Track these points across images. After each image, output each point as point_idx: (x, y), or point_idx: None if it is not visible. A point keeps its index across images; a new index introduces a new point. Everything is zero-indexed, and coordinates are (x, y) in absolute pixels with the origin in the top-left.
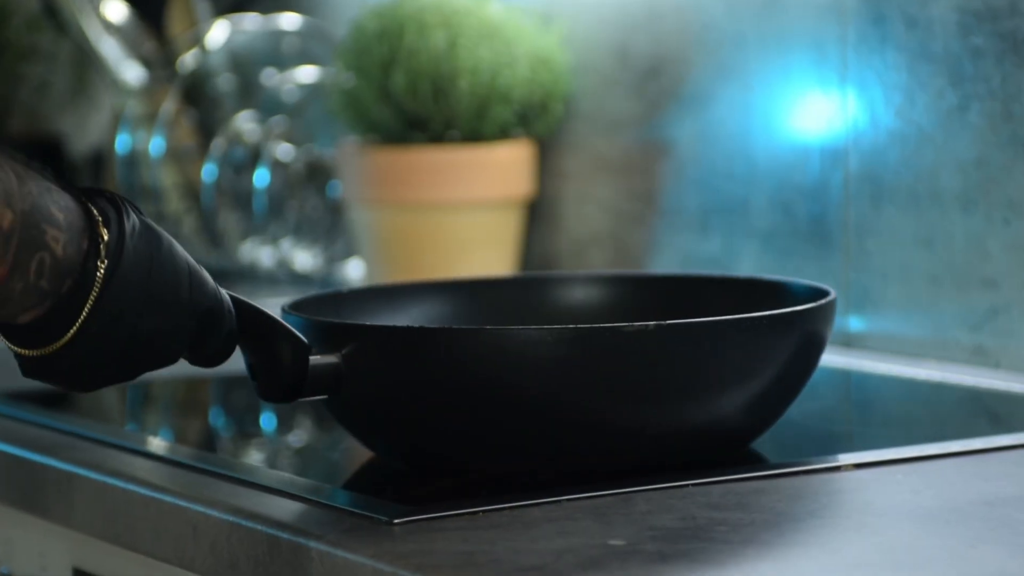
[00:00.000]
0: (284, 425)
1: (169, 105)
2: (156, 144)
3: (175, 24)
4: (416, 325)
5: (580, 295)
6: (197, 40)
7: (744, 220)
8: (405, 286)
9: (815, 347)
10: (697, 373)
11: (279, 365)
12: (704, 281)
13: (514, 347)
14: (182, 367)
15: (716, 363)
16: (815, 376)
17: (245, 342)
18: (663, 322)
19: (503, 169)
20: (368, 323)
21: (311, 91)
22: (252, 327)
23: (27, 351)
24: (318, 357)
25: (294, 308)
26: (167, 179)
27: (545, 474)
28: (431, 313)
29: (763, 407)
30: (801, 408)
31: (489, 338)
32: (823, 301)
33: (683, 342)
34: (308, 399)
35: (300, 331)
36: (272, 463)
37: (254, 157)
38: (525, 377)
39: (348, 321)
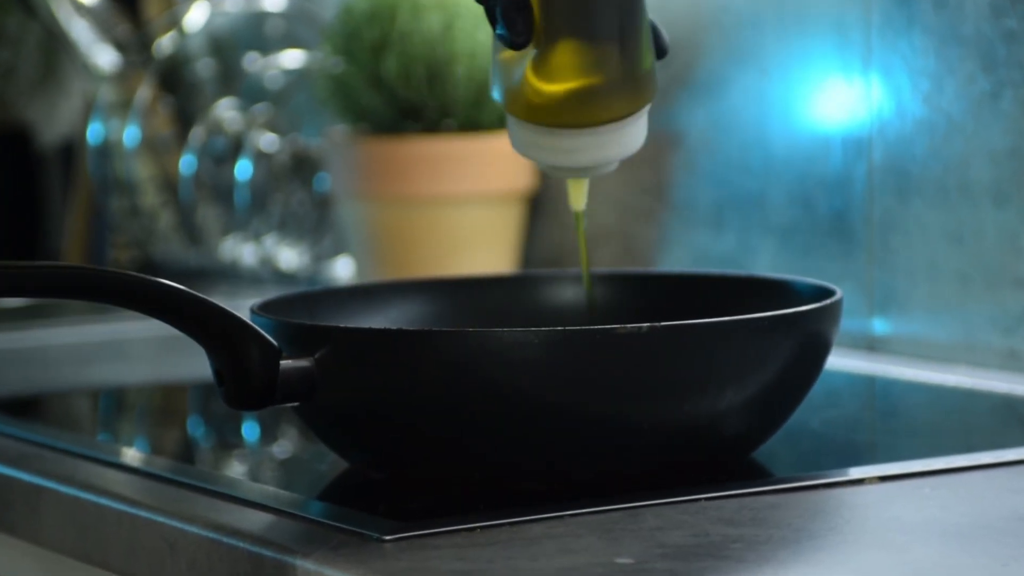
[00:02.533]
0: (267, 435)
1: (144, 92)
2: (130, 134)
3: (151, 5)
4: (394, 327)
5: (572, 295)
6: (174, 22)
7: (761, 215)
8: (384, 285)
9: (819, 350)
10: (694, 378)
11: (247, 370)
12: (705, 280)
13: (499, 350)
14: (157, 373)
15: (714, 367)
16: (836, 383)
17: (211, 346)
18: (656, 324)
19: (503, 161)
20: (343, 325)
21: (297, 77)
22: (218, 329)
23: None
24: (289, 361)
25: (263, 309)
26: (142, 171)
27: (531, 485)
28: (412, 314)
29: (764, 414)
30: (821, 417)
31: (472, 340)
32: (828, 301)
33: (679, 345)
34: (279, 406)
35: (270, 333)
36: (255, 475)
37: (235, 148)
38: (511, 382)
39: (321, 323)
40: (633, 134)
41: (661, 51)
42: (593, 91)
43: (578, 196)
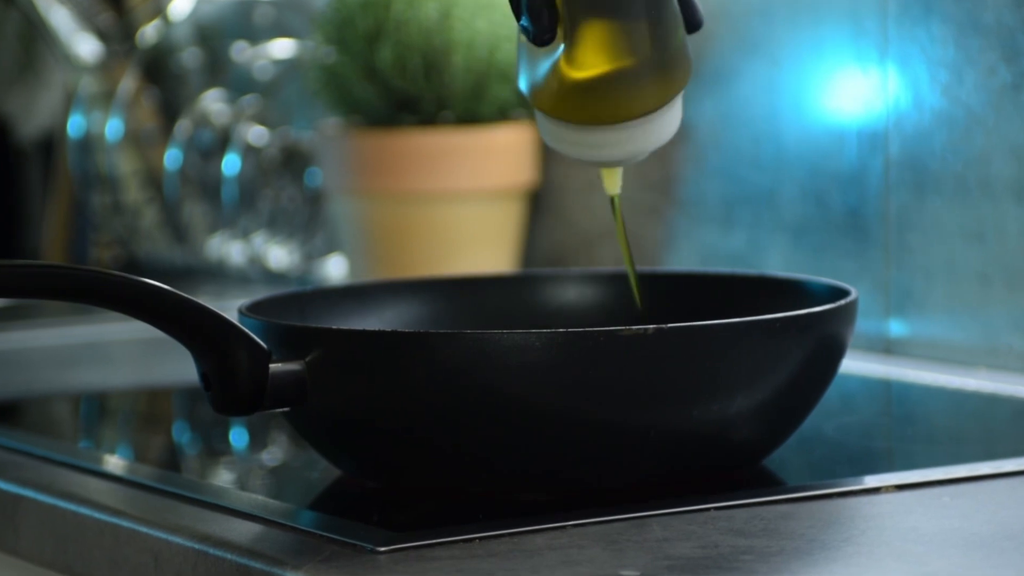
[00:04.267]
0: (257, 441)
1: (128, 83)
2: (113, 127)
3: None
4: (389, 328)
5: (576, 295)
6: (159, 10)
7: (772, 212)
8: (378, 285)
9: (834, 353)
10: (702, 382)
11: (235, 374)
12: (713, 279)
13: (498, 353)
14: (141, 377)
15: (724, 371)
16: (851, 387)
17: (197, 348)
18: (663, 325)
19: (502, 155)
20: (335, 326)
21: (287, 67)
22: (204, 331)
23: None
24: (279, 365)
25: (252, 310)
26: (125, 165)
27: (532, 494)
28: (407, 315)
29: (776, 419)
30: (836, 422)
31: (471, 343)
32: (843, 302)
33: (686, 348)
34: (268, 412)
35: (259, 335)
36: (243, 484)
37: (223, 141)
38: (510, 387)
39: (312, 324)
40: (666, 122)
41: (693, 24)
42: (623, 78)
43: (612, 181)
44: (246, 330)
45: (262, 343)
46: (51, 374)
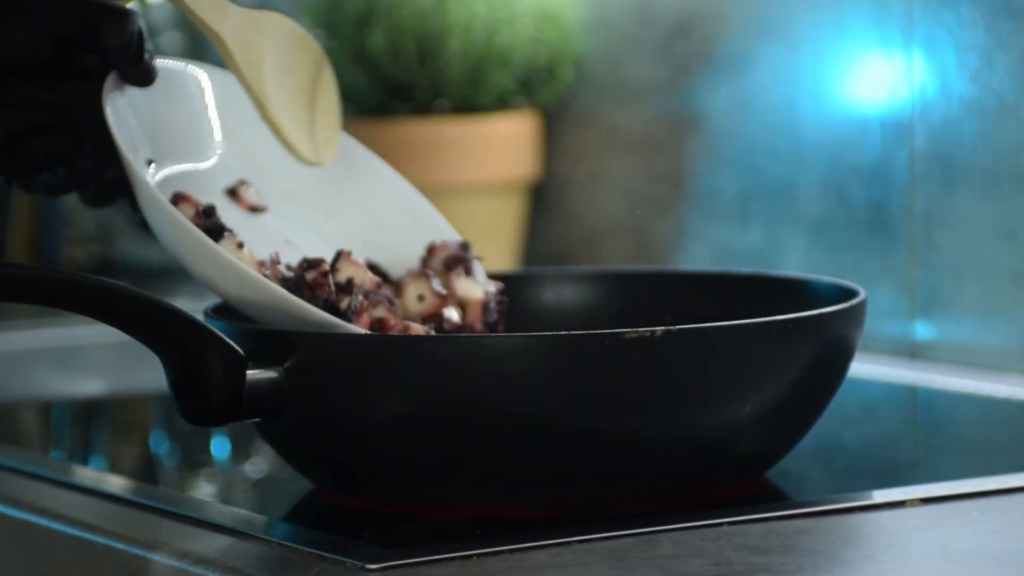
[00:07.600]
0: (239, 452)
1: None
2: None
3: None
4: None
5: (579, 295)
6: None
7: (790, 207)
8: None
9: (841, 357)
10: (712, 386)
11: (208, 382)
12: (717, 279)
13: (494, 358)
14: (115, 383)
15: (735, 374)
16: (874, 394)
17: (166, 354)
18: (671, 327)
19: (502, 146)
20: (316, 329)
21: None
22: (173, 335)
23: None
24: (256, 372)
25: (218, 312)
26: None
27: (531, 511)
28: None
29: (785, 426)
30: (857, 432)
31: (465, 347)
32: (850, 303)
33: (696, 351)
34: (244, 422)
35: (234, 340)
36: (225, 497)
37: None
38: (508, 394)
39: (291, 328)
40: None
41: None
42: None
43: None
44: (220, 334)
45: (238, 348)
46: (17, 380)
